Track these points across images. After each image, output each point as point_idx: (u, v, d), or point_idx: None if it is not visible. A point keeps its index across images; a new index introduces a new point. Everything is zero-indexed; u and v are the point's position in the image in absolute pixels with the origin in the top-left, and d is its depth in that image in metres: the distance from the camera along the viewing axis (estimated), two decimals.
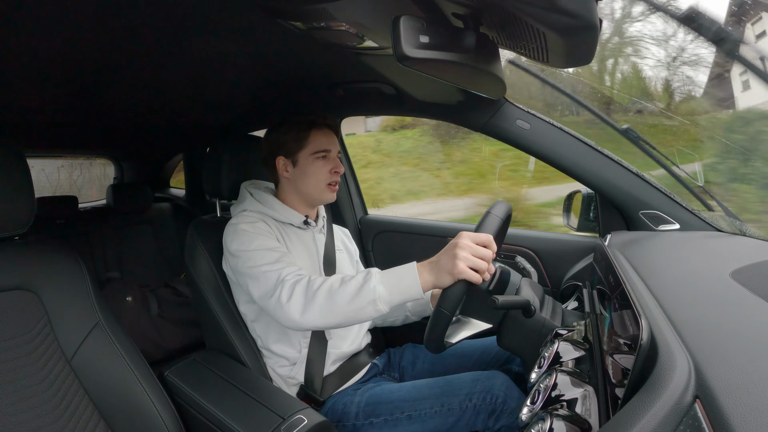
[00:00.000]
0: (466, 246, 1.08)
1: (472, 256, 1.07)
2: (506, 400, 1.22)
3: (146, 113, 2.10)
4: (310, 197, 1.48)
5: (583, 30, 0.71)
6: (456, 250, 1.07)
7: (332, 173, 1.45)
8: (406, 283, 1.12)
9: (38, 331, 1.13)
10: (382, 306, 1.12)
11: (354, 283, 1.14)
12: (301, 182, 1.45)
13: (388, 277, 1.14)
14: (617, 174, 1.49)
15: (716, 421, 0.46)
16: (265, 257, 1.28)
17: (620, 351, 0.74)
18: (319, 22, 0.97)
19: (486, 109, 1.58)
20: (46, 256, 1.20)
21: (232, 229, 1.37)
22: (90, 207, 3.37)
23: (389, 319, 1.66)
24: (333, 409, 1.38)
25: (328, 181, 1.45)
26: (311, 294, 1.16)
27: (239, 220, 1.38)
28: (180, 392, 1.32)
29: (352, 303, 1.12)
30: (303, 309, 1.16)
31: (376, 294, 1.11)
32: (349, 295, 1.13)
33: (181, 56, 1.31)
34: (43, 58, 1.24)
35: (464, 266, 1.06)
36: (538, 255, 1.79)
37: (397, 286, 1.12)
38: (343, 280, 1.16)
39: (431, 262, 1.13)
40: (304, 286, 1.18)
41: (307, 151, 1.43)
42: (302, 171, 1.44)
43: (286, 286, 1.19)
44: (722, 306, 0.75)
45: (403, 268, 1.15)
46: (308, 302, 1.16)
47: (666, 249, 1.25)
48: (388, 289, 1.12)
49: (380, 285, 1.12)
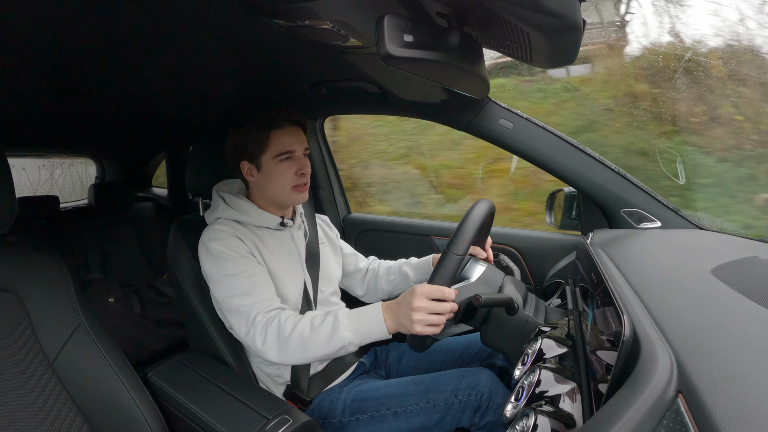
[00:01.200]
0: (420, 308, 1.09)
1: (428, 315, 1.08)
2: (491, 396, 1.22)
3: (128, 111, 2.08)
4: (278, 200, 1.43)
5: (566, 30, 0.72)
6: (411, 314, 1.09)
7: (298, 175, 1.39)
8: (372, 327, 1.16)
9: (20, 333, 1.11)
10: (352, 348, 1.17)
11: (323, 331, 1.17)
12: (267, 186, 1.40)
13: (355, 324, 1.17)
14: (599, 172, 1.50)
15: (699, 415, 0.46)
16: (237, 287, 1.28)
17: (603, 347, 0.74)
18: (302, 20, 0.97)
19: (469, 109, 1.58)
20: (27, 257, 1.18)
21: (203, 247, 1.35)
22: (71, 207, 3.33)
23: (394, 292, 1.66)
24: (320, 406, 1.38)
25: (294, 184, 1.39)
26: (284, 340, 1.19)
27: (211, 236, 1.34)
28: (164, 394, 1.31)
29: (324, 349, 1.17)
30: (278, 353, 1.20)
31: (345, 341, 1.15)
32: (320, 343, 1.17)
33: (162, 53, 1.30)
34: (23, 56, 1.22)
35: (421, 327, 1.08)
36: (521, 253, 1.80)
37: (364, 330, 1.16)
38: (313, 326, 1.19)
39: (392, 311, 1.15)
40: (275, 330, 1.21)
41: (269, 154, 1.37)
42: (266, 175, 1.39)
43: (258, 329, 1.22)
44: (703, 302, 0.76)
45: (369, 312, 1.18)
46: (282, 347, 1.19)
47: (647, 246, 1.26)
48: (355, 333, 1.16)
49: (347, 331, 1.16)
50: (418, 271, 1.59)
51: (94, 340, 1.20)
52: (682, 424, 0.48)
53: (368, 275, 1.72)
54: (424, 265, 1.58)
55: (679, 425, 0.48)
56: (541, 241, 1.79)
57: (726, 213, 2.47)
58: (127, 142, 3.06)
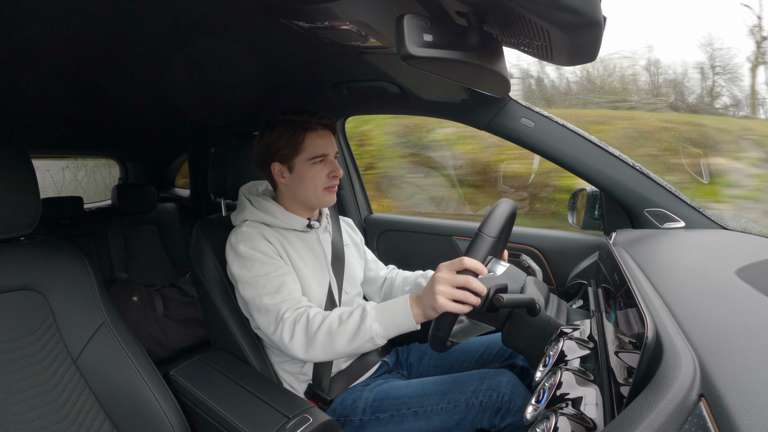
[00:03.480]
0: (444, 279, 1.09)
1: (452, 289, 1.08)
2: (512, 399, 1.22)
3: (150, 113, 2.11)
4: (308, 202, 1.44)
5: (587, 27, 0.71)
6: (435, 286, 1.09)
7: (330, 177, 1.41)
8: (401, 318, 1.16)
9: (44, 331, 1.14)
10: (380, 341, 1.17)
11: (351, 323, 1.18)
12: (299, 188, 1.41)
13: (383, 315, 1.17)
14: (622, 172, 1.48)
15: (721, 420, 0.46)
16: (266, 287, 1.29)
17: (625, 349, 0.74)
18: (322, 21, 0.97)
19: (490, 108, 1.57)
20: (51, 256, 1.21)
21: (230, 249, 1.36)
22: (95, 207, 3.39)
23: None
24: (342, 404, 1.39)
25: (326, 186, 1.41)
26: (311, 335, 1.20)
27: (239, 238, 1.35)
28: (185, 392, 1.33)
29: (352, 343, 1.18)
30: (306, 349, 1.21)
31: (373, 332, 1.16)
32: (349, 336, 1.17)
33: (184, 56, 1.32)
34: (47, 59, 1.25)
35: (444, 300, 1.07)
36: (543, 253, 1.79)
37: (392, 322, 1.17)
38: (341, 319, 1.20)
39: (419, 297, 1.16)
40: (303, 326, 1.22)
41: (304, 156, 1.38)
42: (299, 177, 1.40)
43: (287, 326, 1.23)
44: (727, 304, 0.75)
45: (396, 303, 1.18)
46: (310, 342, 1.21)
47: (671, 247, 1.24)
48: (383, 326, 1.16)
49: (376, 323, 1.16)
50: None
51: (117, 339, 1.22)
52: (704, 428, 0.47)
53: (386, 284, 1.72)
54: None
55: (701, 430, 0.47)
56: (563, 242, 1.77)
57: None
58: (150, 143, 3.11)
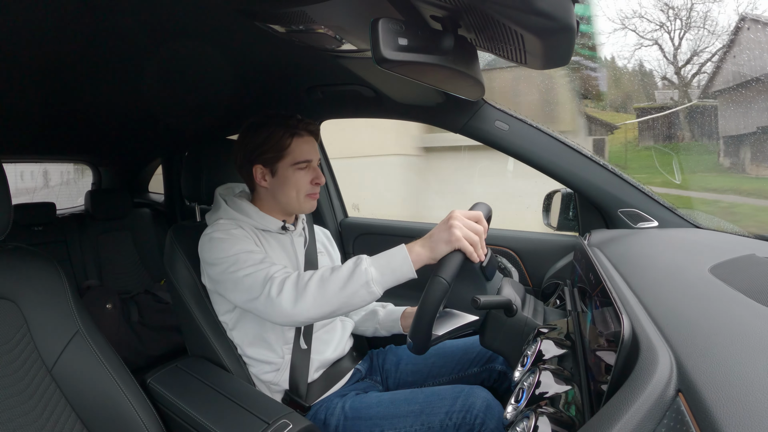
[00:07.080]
0: (460, 218, 1.10)
1: (467, 229, 1.09)
2: (485, 422, 1.18)
3: (124, 117, 2.08)
4: (289, 207, 1.43)
5: (560, 32, 0.72)
6: (451, 221, 1.09)
7: (313, 184, 1.40)
8: (397, 262, 1.12)
9: (18, 341, 1.11)
10: (376, 288, 1.12)
11: (345, 269, 1.14)
12: (281, 193, 1.40)
13: (378, 260, 1.14)
14: (595, 173, 1.51)
15: (699, 414, 0.46)
16: (248, 260, 1.25)
17: (602, 347, 0.74)
18: (297, 25, 0.97)
19: (465, 111, 1.58)
20: (24, 263, 1.18)
21: (206, 239, 1.34)
22: (68, 213, 3.32)
23: (360, 328, 1.64)
24: (316, 418, 1.36)
25: (308, 192, 1.40)
26: (302, 285, 1.15)
27: (213, 229, 1.34)
28: (163, 399, 1.31)
29: (345, 288, 1.12)
30: (295, 300, 1.14)
31: (368, 276, 1.11)
32: (341, 281, 1.12)
33: (158, 60, 1.30)
34: (18, 61, 1.22)
35: (461, 234, 1.07)
36: (519, 254, 1.80)
37: (388, 266, 1.13)
38: (334, 269, 1.16)
39: (424, 238, 1.14)
40: (294, 279, 1.17)
41: (288, 161, 1.37)
42: (282, 181, 1.39)
43: (276, 282, 1.18)
44: (702, 301, 0.76)
45: (391, 251, 1.16)
46: (299, 293, 1.14)
47: (645, 246, 1.26)
48: (379, 270, 1.12)
49: (371, 267, 1.12)
50: (387, 316, 1.59)
51: (92, 347, 1.20)
52: (682, 423, 0.48)
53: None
54: (395, 312, 1.59)
55: (679, 424, 0.48)
56: (538, 243, 1.79)
57: None
58: (123, 147, 3.05)
